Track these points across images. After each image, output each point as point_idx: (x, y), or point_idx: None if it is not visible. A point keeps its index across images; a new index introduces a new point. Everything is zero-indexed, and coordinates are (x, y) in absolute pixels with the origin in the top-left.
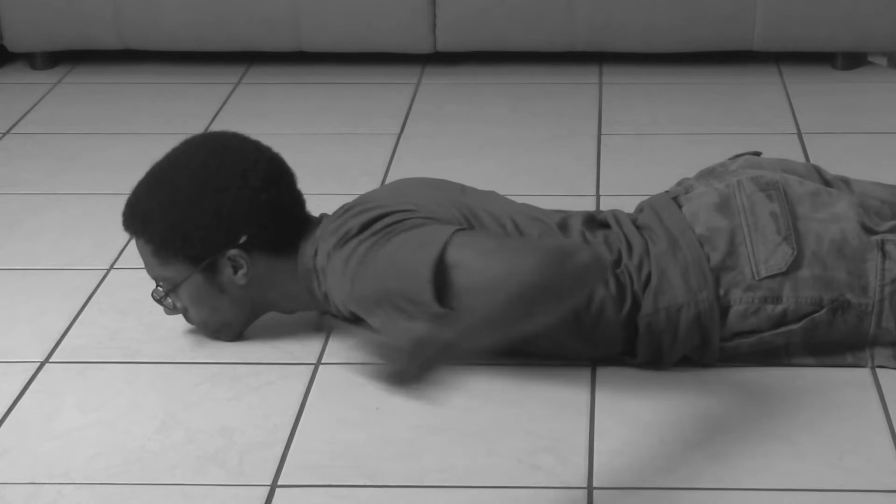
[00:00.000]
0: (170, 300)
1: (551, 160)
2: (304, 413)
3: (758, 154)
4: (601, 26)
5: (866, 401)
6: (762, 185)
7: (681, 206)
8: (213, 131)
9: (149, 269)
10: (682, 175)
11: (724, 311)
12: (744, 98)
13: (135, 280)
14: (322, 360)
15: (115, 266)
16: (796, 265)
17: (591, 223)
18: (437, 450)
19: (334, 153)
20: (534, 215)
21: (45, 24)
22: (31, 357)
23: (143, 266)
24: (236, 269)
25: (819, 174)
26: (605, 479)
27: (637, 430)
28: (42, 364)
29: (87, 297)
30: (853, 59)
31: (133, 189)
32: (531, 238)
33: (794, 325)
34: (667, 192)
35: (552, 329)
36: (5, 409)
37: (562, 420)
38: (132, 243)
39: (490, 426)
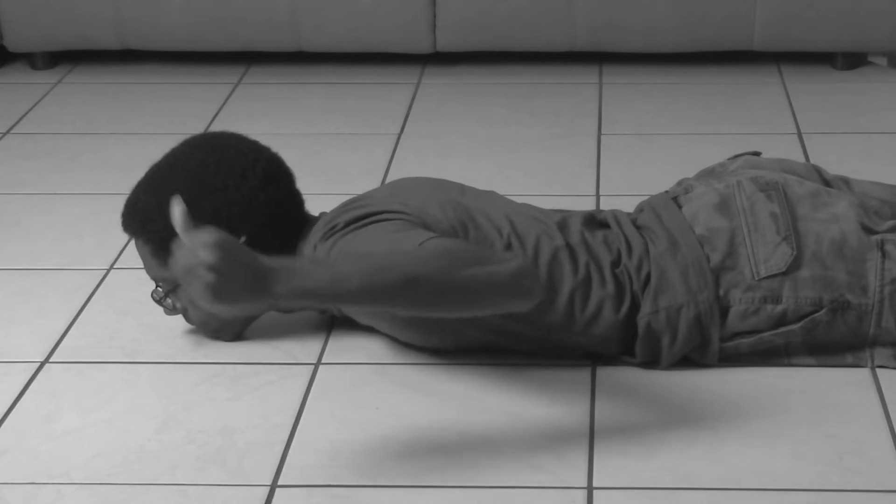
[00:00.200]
0: (170, 300)
1: (551, 160)
2: (304, 413)
3: (758, 154)
4: (601, 26)
5: (866, 401)
6: (762, 186)
7: (681, 207)
8: (212, 131)
9: (148, 270)
10: (682, 175)
11: (723, 312)
12: (744, 98)
13: (135, 280)
14: (322, 360)
15: (115, 266)
16: (796, 265)
17: (591, 223)
18: (437, 450)
19: (334, 153)
20: (533, 215)
21: (45, 24)
22: (31, 357)
23: (142, 266)
24: None
25: (819, 174)
26: (605, 479)
27: (637, 430)
28: (42, 364)
29: (87, 297)
30: (853, 59)
31: (132, 189)
32: (485, 246)
33: (793, 326)
34: (667, 192)
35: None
36: (5, 409)
37: (562, 420)
38: (132, 243)
39: (490, 426)
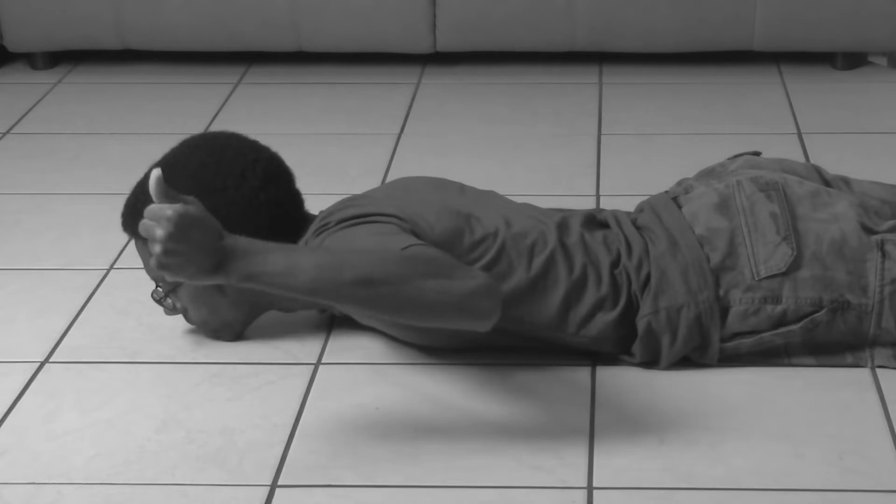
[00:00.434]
0: (170, 300)
1: (551, 160)
2: (304, 413)
3: (757, 154)
4: (601, 26)
5: (866, 401)
6: (762, 186)
7: (680, 207)
8: (212, 131)
9: (148, 270)
10: (682, 175)
11: (723, 312)
12: (744, 98)
13: (135, 280)
14: (322, 360)
15: (115, 266)
16: (796, 265)
17: (591, 223)
18: (437, 450)
19: (334, 153)
20: (532, 215)
21: (45, 24)
22: (31, 357)
23: (142, 266)
24: None
25: (819, 174)
26: (605, 479)
27: (637, 430)
28: (42, 364)
29: (87, 297)
30: (853, 59)
31: (132, 189)
32: (457, 261)
33: (793, 326)
34: (666, 192)
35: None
36: (5, 409)
37: (562, 420)
38: (132, 243)
39: (490, 426)
